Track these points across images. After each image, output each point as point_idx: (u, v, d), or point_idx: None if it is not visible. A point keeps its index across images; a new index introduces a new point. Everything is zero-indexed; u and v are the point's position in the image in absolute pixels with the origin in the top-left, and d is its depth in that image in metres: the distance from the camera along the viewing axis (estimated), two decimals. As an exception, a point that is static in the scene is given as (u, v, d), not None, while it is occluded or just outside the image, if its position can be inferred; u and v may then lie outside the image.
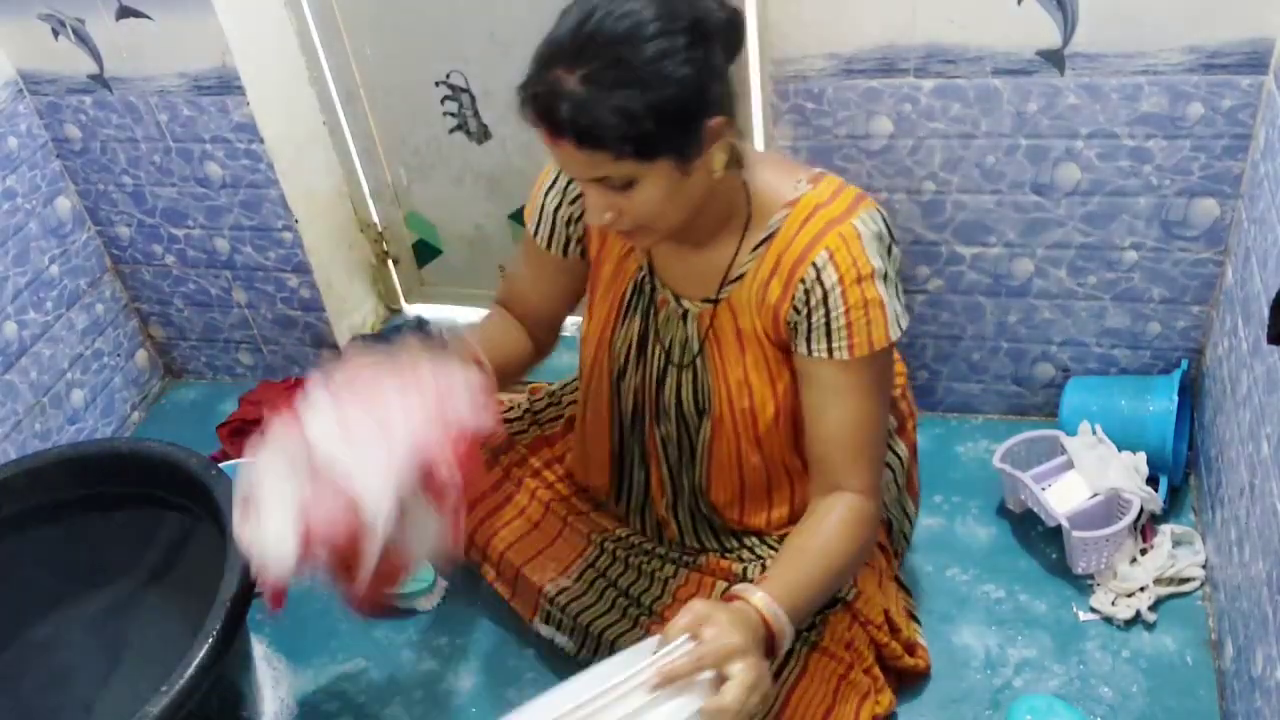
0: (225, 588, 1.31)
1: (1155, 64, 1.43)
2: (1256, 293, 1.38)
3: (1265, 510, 1.27)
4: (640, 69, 1.05)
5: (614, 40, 1.06)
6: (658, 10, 1.07)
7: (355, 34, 1.91)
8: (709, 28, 1.09)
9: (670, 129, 1.08)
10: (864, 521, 1.22)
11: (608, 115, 1.05)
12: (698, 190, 1.16)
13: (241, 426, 2.00)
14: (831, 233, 1.18)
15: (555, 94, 1.07)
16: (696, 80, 1.08)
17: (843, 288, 1.18)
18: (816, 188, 1.22)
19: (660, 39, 1.06)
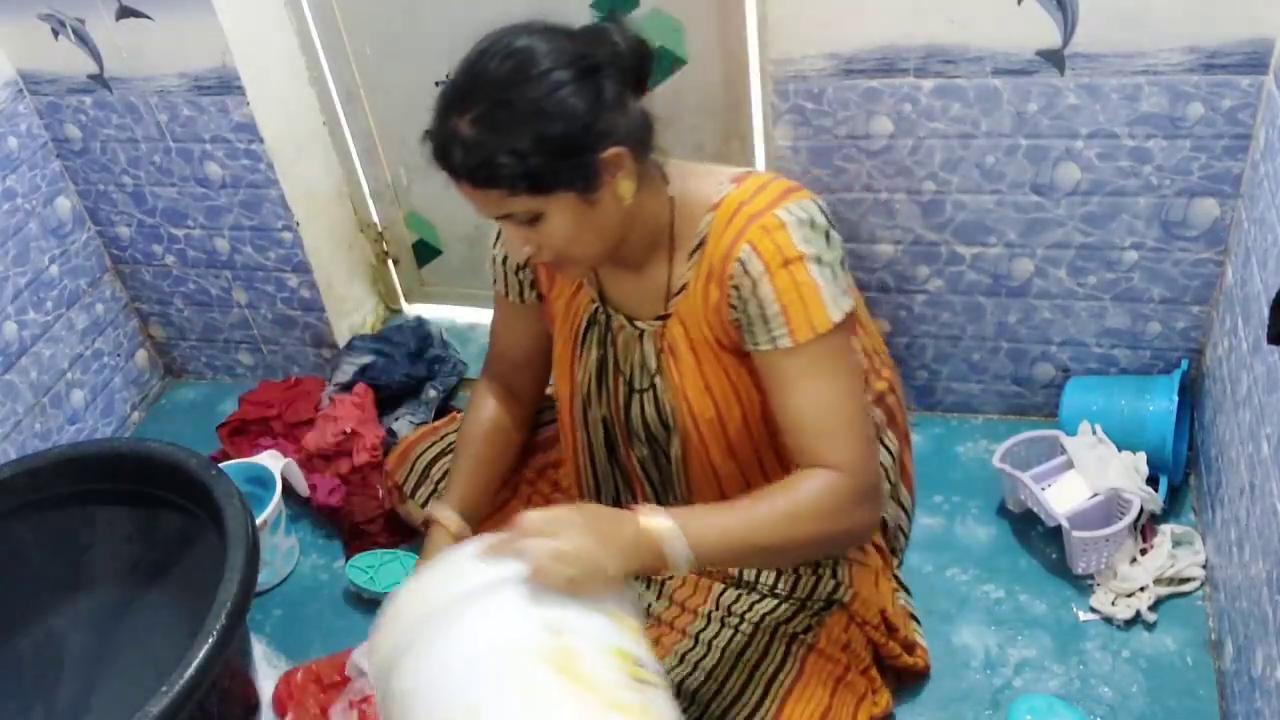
0: (225, 588, 1.31)
1: (1155, 64, 1.43)
2: (1256, 293, 1.38)
3: (1265, 510, 1.27)
4: (526, 107, 1.10)
5: (500, 81, 1.11)
6: (546, 47, 1.11)
7: (355, 34, 1.91)
8: (598, 60, 1.12)
9: (561, 163, 1.11)
10: (834, 493, 1.17)
11: (497, 155, 1.10)
12: (610, 218, 1.18)
13: (241, 426, 2.01)
14: (753, 226, 1.19)
15: (450, 139, 1.12)
16: (584, 115, 1.10)
17: (769, 274, 1.18)
18: (741, 186, 1.22)
19: (545, 76, 1.10)
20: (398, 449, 1.63)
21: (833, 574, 1.38)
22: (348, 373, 1.97)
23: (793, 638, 1.32)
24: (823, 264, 1.18)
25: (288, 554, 1.81)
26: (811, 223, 1.19)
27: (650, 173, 1.22)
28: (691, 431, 1.33)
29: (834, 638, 1.33)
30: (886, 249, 1.70)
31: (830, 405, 1.20)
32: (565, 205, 1.14)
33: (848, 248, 1.71)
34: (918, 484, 1.74)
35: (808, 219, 1.19)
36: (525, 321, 1.45)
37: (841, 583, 1.37)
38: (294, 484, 1.84)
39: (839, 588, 1.36)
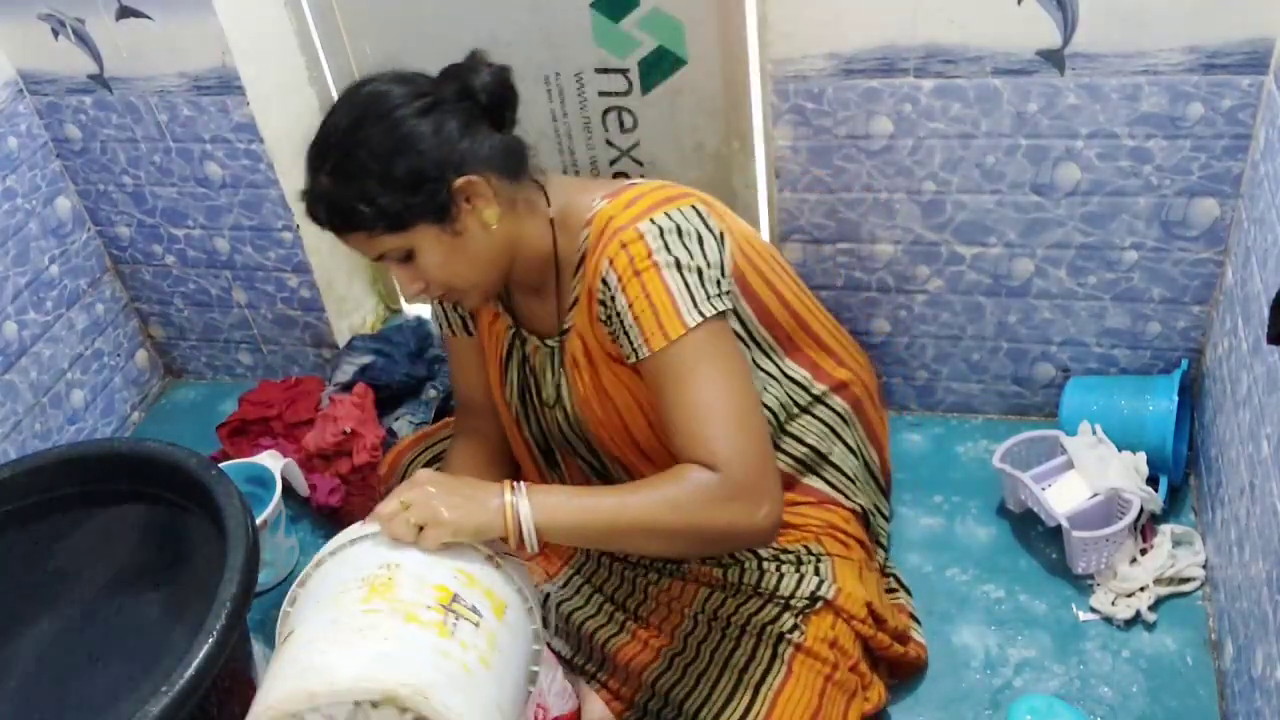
0: (225, 588, 1.31)
1: (1155, 64, 1.43)
2: (1256, 293, 1.38)
3: (1265, 510, 1.27)
4: (371, 151, 1.15)
5: (346, 131, 1.17)
6: (391, 90, 1.18)
7: (355, 34, 1.91)
8: (442, 96, 1.18)
9: (411, 198, 1.16)
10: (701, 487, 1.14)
11: (350, 201, 1.16)
12: (480, 245, 1.22)
13: (241, 426, 2.00)
14: (613, 241, 1.21)
15: (314, 197, 1.19)
16: (428, 148, 1.16)
17: (622, 286, 1.20)
18: (613, 201, 1.25)
19: (386, 118, 1.16)
20: (388, 457, 1.64)
21: (815, 571, 1.38)
22: (348, 373, 1.97)
23: (779, 638, 1.32)
24: (683, 268, 1.19)
25: (288, 554, 1.81)
26: (678, 230, 1.21)
27: (524, 197, 1.26)
28: (605, 441, 1.36)
29: (821, 635, 1.33)
30: (886, 249, 1.70)
31: (696, 406, 1.17)
32: (430, 238, 1.18)
33: (848, 248, 1.72)
34: (918, 484, 1.75)
35: (673, 226, 1.21)
36: (475, 357, 1.48)
37: (825, 579, 1.36)
38: (294, 484, 1.84)
39: (822, 584, 1.36)
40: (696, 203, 1.25)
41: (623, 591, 1.46)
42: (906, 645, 1.44)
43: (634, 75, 1.78)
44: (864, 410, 1.51)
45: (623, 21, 1.73)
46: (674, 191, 1.26)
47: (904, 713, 1.46)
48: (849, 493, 1.48)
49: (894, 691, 1.47)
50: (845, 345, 1.52)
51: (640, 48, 1.75)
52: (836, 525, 1.44)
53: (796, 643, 1.31)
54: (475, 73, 1.21)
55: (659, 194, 1.25)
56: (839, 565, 1.39)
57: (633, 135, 1.85)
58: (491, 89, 1.21)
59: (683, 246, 1.20)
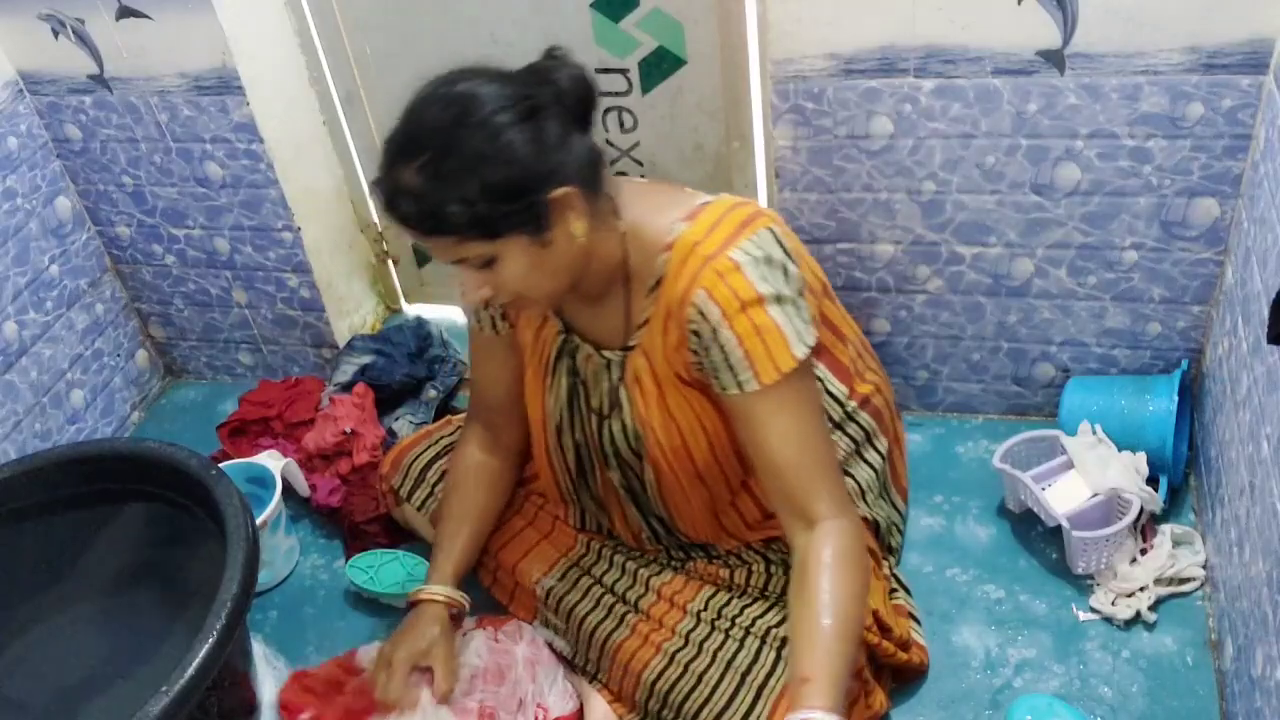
0: (225, 588, 1.31)
1: (1155, 64, 1.43)
2: (1256, 293, 1.38)
3: (1265, 510, 1.27)
4: (469, 154, 1.10)
5: (442, 129, 1.11)
6: (485, 92, 1.12)
7: (355, 34, 1.91)
8: (540, 101, 1.13)
9: (508, 207, 1.11)
10: (853, 546, 1.21)
11: (445, 204, 1.10)
12: (564, 258, 1.19)
13: (241, 426, 2.00)
14: (706, 270, 1.18)
15: (396, 191, 1.13)
16: (528, 157, 1.11)
17: (728, 321, 1.18)
18: (694, 224, 1.21)
19: (487, 121, 1.10)
20: (390, 454, 1.64)
21: None
22: (348, 373, 1.97)
23: (783, 642, 1.32)
24: (782, 302, 1.19)
25: (288, 554, 1.81)
26: (768, 259, 1.19)
27: (601, 208, 1.22)
28: (660, 459, 1.35)
29: None
30: (886, 249, 1.70)
31: (805, 442, 1.22)
32: (518, 248, 1.15)
33: (848, 248, 1.72)
34: (918, 484, 1.75)
35: (763, 256, 1.19)
36: (502, 355, 1.46)
37: None
38: (294, 484, 1.84)
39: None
40: (770, 224, 1.23)
41: (623, 583, 1.46)
42: (909, 652, 1.44)
43: (634, 75, 1.78)
44: (884, 421, 1.51)
45: (623, 21, 1.73)
46: (748, 211, 1.23)
47: (904, 713, 1.46)
48: (864, 503, 1.48)
49: (894, 691, 1.47)
50: (870, 355, 1.53)
51: (640, 48, 1.75)
52: None
53: None
54: (560, 72, 1.16)
55: (737, 215, 1.22)
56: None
57: (633, 135, 1.85)
58: (579, 91, 1.17)
59: (779, 277, 1.19)
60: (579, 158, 1.16)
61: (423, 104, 1.14)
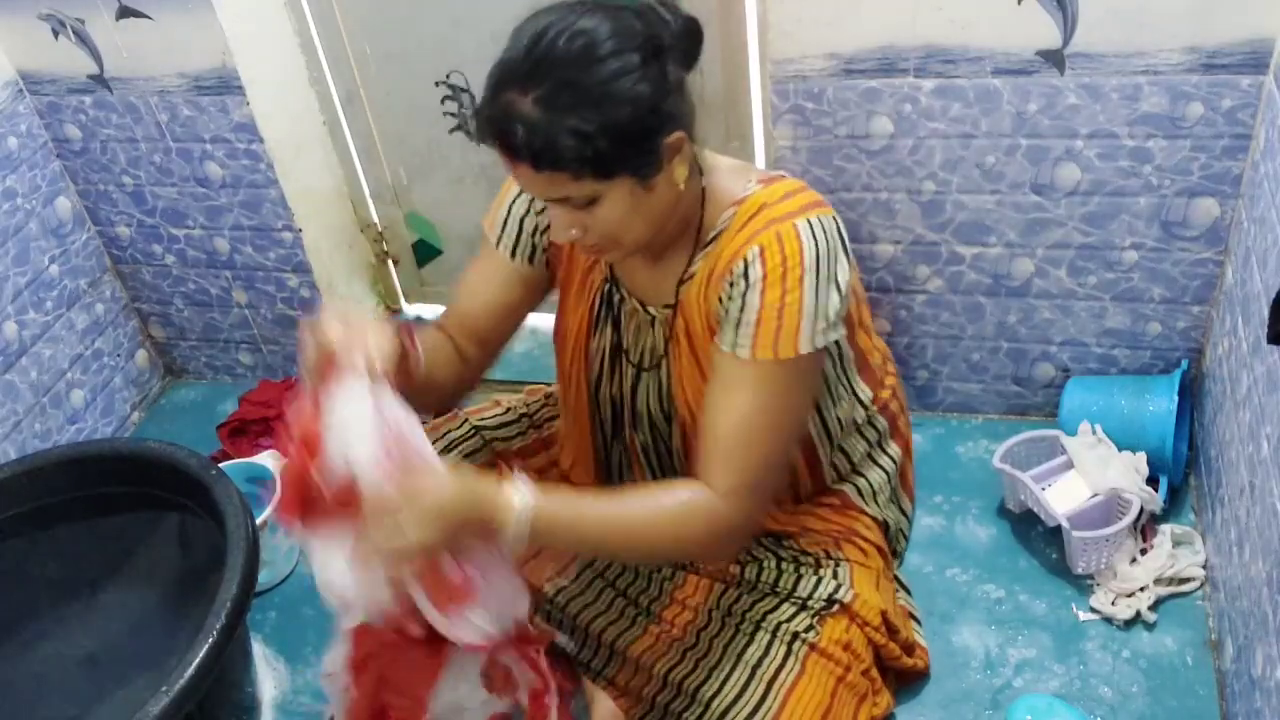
0: (225, 588, 1.31)
1: (1155, 64, 1.43)
2: (1256, 293, 1.38)
3: (1265, 510, 1.27)
4: (594, 90, 1.06)
5: (566, 62, 1.06)
6: (611, 28, 1.08)
7: (355, 34, 1.91)
8: (663, 43, 1.10)
9: (627, 148, 1.09)
10: (700, 516, 1.17)
11: (563, 137, 1.07)
12: (662, 204, 1.17)
13: (241, 426, 2.01)
14: (769, 230, 1.17)
15: (510, 117, 1.08)
16: (651, 99, 1.08)
17: (764, 285, 1.16)
18: (769, 188, 1.21)
19: (613, 58, 1.07)
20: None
21: (834, 575, 1.38)
22: (348, 373, 1.96)
23: (794, 637, 1.32)
24: (822, 286, 1.16)
25: (288, 554, 1.81)
26: (828, 242, 1.17)
27: (695, 159, 1.20)
28: (689, 422, 1.32)
29: (835, 637, 1.33)
30: (886, 249, 1.70)
31: (746, 429, 1.18)
32: (623, 190, 1.12)
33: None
34: (918, 484, 1.74)
35: (824, 237, 1.17)
36: (508, 286, 1.38)
37: (842, 583, 1.37)
38: (294, 484, 1.84)
39: (840, 588, 1.36)
40: (837, 216, 1.21)
41: (636, 587, 1.46)
42: (914, 655, 1.45)
43: (634, 75, 1.78)
44: (898, 425, 1.50)
45: (623, 21, 1.72)
46: (819, 197, 1.22)
47: (905, 713, 1.46)
48: (875, 504, 1.47)
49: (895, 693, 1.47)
50: (887, 357, 1.52)
51: (640, 48, 1.75)
52: (858, 532, 1.43)
53: (811, 642, 1.31)
54: (674, 13, 1.13)
55: (810, 195, 1.21)
56: (857, 571, 1.39)
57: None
58: (692, 32, 1.14)
59: (831, 263, 1.17)
60: (689, 104, 1.14)
61: (545, 33, 1.08)
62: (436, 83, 1.91)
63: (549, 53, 1.07)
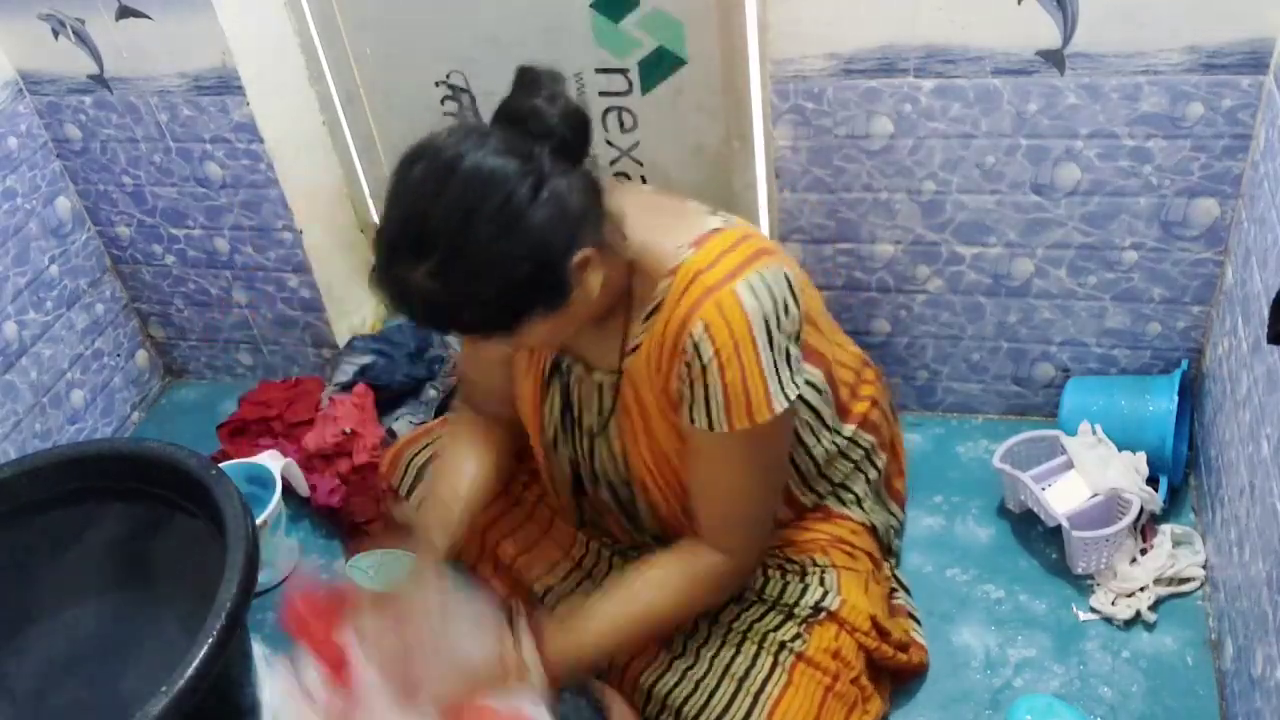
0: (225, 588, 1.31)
1: (1155, 64, 1.43)
2: (1256, 293, 1.38)
3: (1265, 510, 1.27)
4: (487, 254, 1.02)
5: (452, 228, 1.01)
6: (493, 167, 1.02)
7: (355, 34, 1.91)
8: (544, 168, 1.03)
9: (531, 296, 1.07)
10: (712, 581, 1.27)
11: (463, 311, 1.06)
12: (582, 310, 1.14)
13: (241, 426, 2.00)
14: (708, 302, 1.13)
15: (405, 292, 1.05)
16: (548, 238, 1.04)
17: (719, 362, 1.14)
18: (700, 250, 1.16)
19: (501, 211, 1.01)
20: (390, 452, 1.63)
21: (820, 581, 1.37)
22: (348, 373, 1.97)
23: (781, 646, 1.31)
24: (776, 348, 1.16)
25: (288, 554, 1.81)
26: (772, 297, 1.15)
27: (610, 240, 1.14)
28: (649, 485, 1.34)
29: (823, 646, 1.32)
30: (886, 249, 1.70)
31: (741, 494, 1.25)
32: (540, 319, 1.10)
33: (848, 248, 1.72)
34: (918, 484, 1.75)
35: (767, 294, 1.14)
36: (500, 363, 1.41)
37: (830, 590, 1.36)
38: (294, 484, 1.84)
39: (827, 595, 1.35)
40: (781, 262, 1.19)
41: None
42: (908, 653, 1.44)
43: (634, 75, 1.78)
44: (882, 433, 1.50)
45: (623, 21, 1.73)
46: (760, 244, 1.19)
47: (904, 713, 1.46)
48: (860, 509, 1.47)
49: (894, 691, 1.47)
50: (866, 365, 1.51)
51: (640, 48, 1.75)
52: (844, 538, 1.43)
53: (798, 651, 1.31)
54: (551, 108, 1.06)
55: (746, 248, 1.17)
56: (844, 577, 1.39)
57: (633, 135, 1.85)
58: (574, 124, 1.07)
59: (778, 319, 1.15)
60: (589, 207, 1.09)
61: (421, 196, 1.03)
62: (436, 83, 1.91)
63: (428, 223, 1.02)
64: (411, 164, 1.05)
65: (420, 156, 1.05)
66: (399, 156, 1.09)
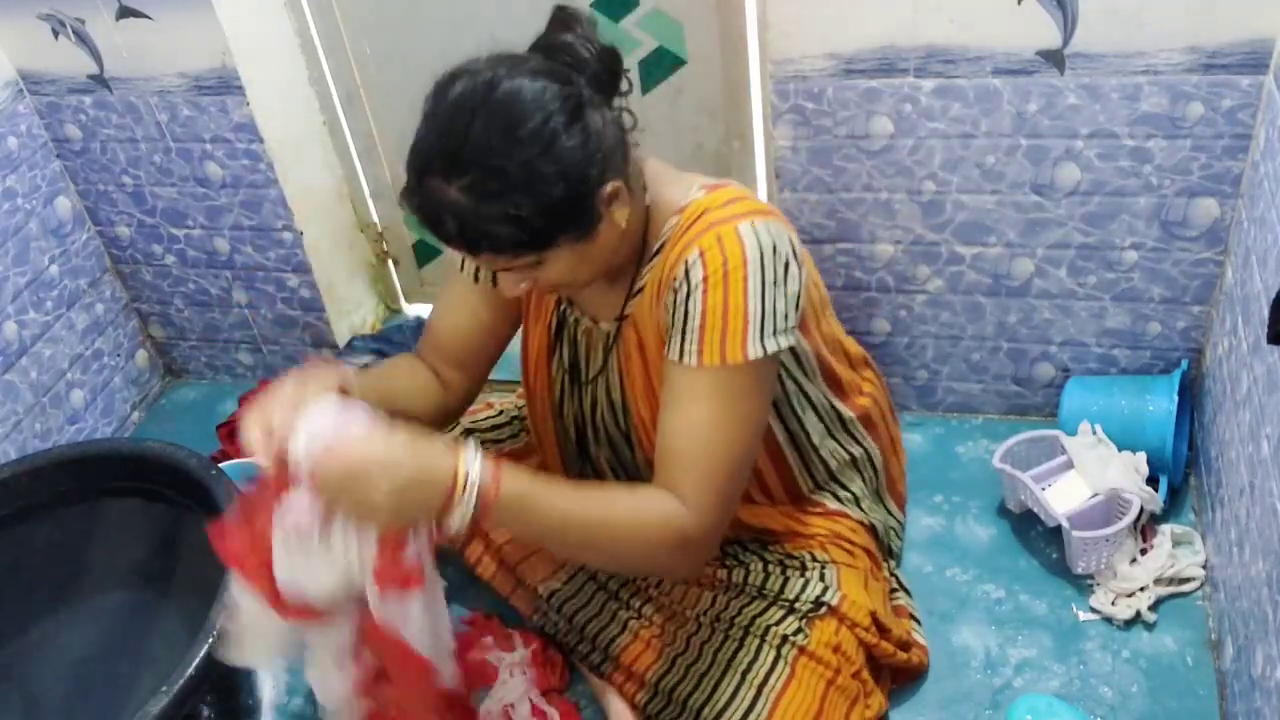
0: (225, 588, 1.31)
1: (1155, 64, 1.43)
2: (1256, 293, 1.38)
3: (1265, 510, 1.27)
4: (521, 172, 1.02)
5: (488, 147, 1.02)
6: (531, 92, 1.03)
7: (355, 34, 1.91)
8: (582, 95, 1.06)
9: (563, 219, 1.07)
10: (665, 527, 1.13)
11: (496, 226, 1.04)
12: (607, 246, 1.15)
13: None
14: (710, 232, 1.13)
15: (438, 208, 1.05)
16: (581, 164, 1.05)
17: (705, 287, 1.12)
18: (712, 194, 1.18)
19: (536, 133, 1.02)
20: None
21: (820, 577, 1.38)
22: (348, 373, 1.97)
23: (783, 640, 1.32)
24: (768, 288, 1.12)
25: (288, 554, 1.80)
26: (775, 248, 1.13)
27: (634, 183, 1.17)
28: (644, 436, 1.32)
29: (825, 640, 1.32)
30: (886, 249, 1.70)
31: (703, 441, 1.14)
32: (566, 249, 1.11)
33: (848, 248, 1.72)
34: (918, 484, 1.75)
35: (771, 242, 1.13)
36: (476, 307, 1.36)
37: (829, 585, 1.36)
38: (294, 484, 1.84)
39: (827, 590, 1.36)
40: (788, 225, 1.19)
41: (627, 589, 1.46)
42: (909, 652, 1.44)
43: (634, 75, 1.78)
44: (879, 432, 1.50)
45: (623, 21, 1.73)
46: (767, 205, 1.20)
47: (904, 713, 1.46)
48: (859, 509, 1.47)
49: (894, 691, 1.47)
50: (866, 365, 1.51)
51: (640, 48, 1.75)
52: (843, 535, 1.43)
53: (800, 645, 1.31)
54: (585, 46, 1.08)
55: (756, 202, 1.18)
56: (844, 573, 1.39)
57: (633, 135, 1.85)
58: (608, 63, 1.10)
59: (777, 266, 1.13)
60: (618, 141, 1.11)
61: (460, 111, 1.04)
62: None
63: (467, 139, 1.03)
64: (451, 82, 1.06)
65: (459, 76, 1.06)
66: (402, 154, 1.09)
